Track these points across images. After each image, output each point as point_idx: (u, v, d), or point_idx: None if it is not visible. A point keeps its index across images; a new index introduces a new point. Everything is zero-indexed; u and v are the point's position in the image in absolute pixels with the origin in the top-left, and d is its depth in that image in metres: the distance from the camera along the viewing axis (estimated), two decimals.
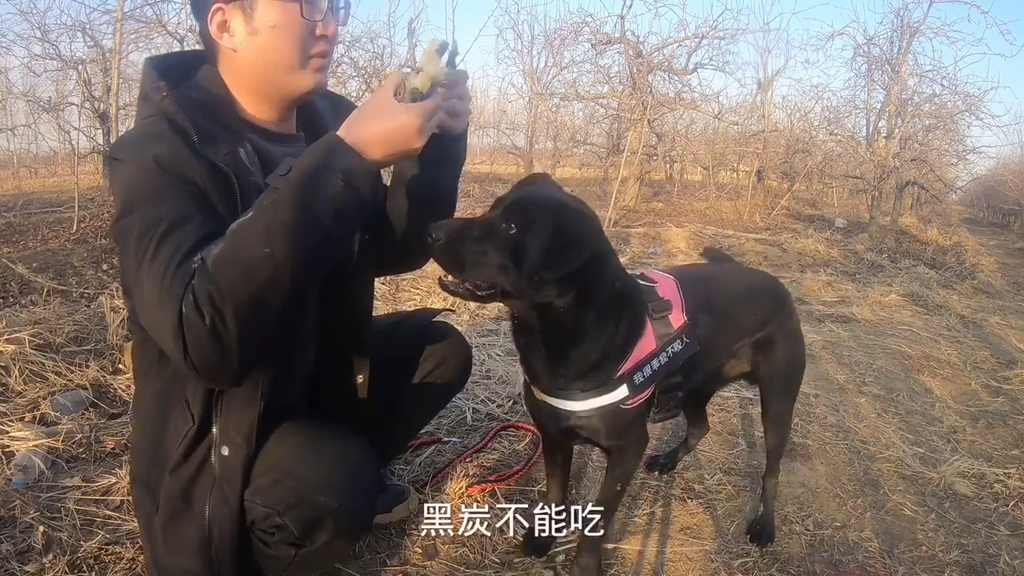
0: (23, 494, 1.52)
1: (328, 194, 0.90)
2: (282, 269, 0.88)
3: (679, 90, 8.49)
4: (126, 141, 1.03)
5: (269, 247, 0.87)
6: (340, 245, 0.98)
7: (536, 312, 1.13)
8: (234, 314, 0.86)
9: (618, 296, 1.18)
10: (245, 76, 1.06)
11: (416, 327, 1.50)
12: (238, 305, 0.86)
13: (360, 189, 0.92)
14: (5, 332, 2.28)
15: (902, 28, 7.70)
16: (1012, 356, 3.23)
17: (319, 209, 0.90)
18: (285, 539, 1.04)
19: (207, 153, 0.95)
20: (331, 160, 0.91)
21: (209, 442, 1.04)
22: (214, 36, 1.03)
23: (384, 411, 1.39)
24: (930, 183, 9.00)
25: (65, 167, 8.32)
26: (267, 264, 0.87)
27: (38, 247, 4.19)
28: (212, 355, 0.87)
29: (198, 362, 0.88)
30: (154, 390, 1.09)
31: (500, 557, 1.45)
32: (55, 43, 5.31)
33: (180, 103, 0.96)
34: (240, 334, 0.87)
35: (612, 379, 1.20)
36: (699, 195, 10.25)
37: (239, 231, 0.89)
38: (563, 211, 1.08)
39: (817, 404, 2.42)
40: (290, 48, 1.03)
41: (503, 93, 14.23)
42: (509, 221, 1.05)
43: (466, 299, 1.10)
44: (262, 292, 0.88)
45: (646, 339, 1.22)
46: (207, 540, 1.04)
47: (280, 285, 0.89)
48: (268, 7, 1.00)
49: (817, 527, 1.63)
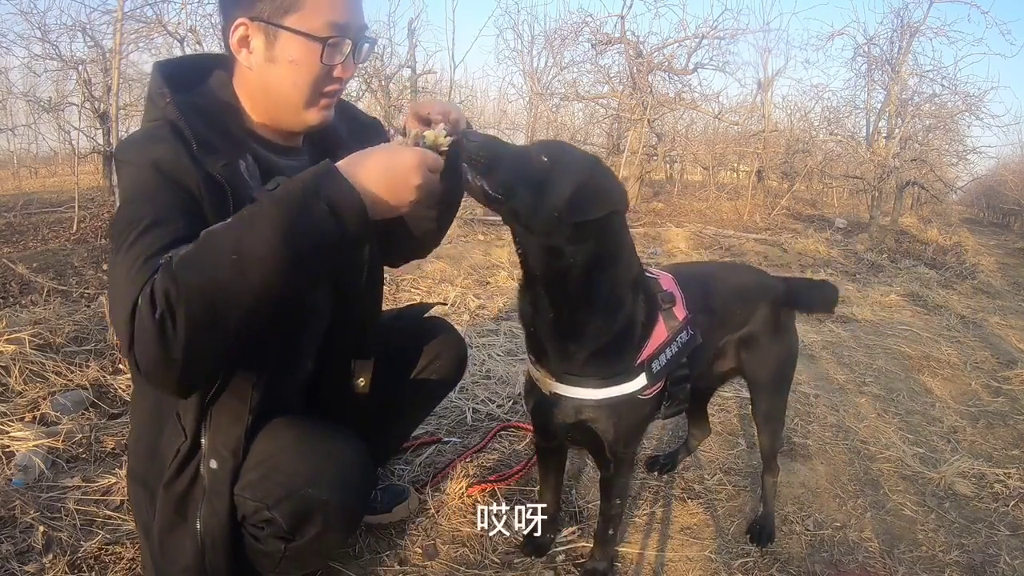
0: (23, 494, 1.52)
1: (310, 218, 0.86)
2: (248, 281, 0.84)
3: (679, 90, 8.49)
4: (129, 142, 1.03)
5: (236, 255, 0.84)
6: (313, 273, 0.91)
7: (546, 259, 1.10)
8: (185, 315, 0.82)
9: (634, 276, 1.18)
10: (254, 95, 1.06)
11: (410, 323, 1.50)
12: (191, 306, 0.82)
13: (345, 222, 0.88)
14: (5, 332, 2.28)
15: (902, 28, 7.69)
16: (1012, 356, 3.23)
17: (297, 231, 0.86)
18: (275, 533, 1.05)
19: (205, 164, 0.95)
20: (320, 186, 0.88)
21: (200, 456, 1.05)
22: (232, 48, 1.02)
23: (379, 408, 1.39)
24: (930, 183, 8.99)
25: (65, 167, 8.32)
26: (231, 273, 0.84)
27: (38, 247, 4.19)
28: (154, 353, 0.83)
29: (140, 357, 0.84)
30: (151, 399, 1.10)
31: (500, 557, 1.45)
32: (55, 43, 5.30)
33: (183, 110, 0.96)
34: (187, 337, 0.83)
35: (632, 366, 1.18)
36: (699, 195, 10.25)
37: (211, 235, 0.87)
38: (599, 164, 1.12)
39: (817, 404, 2.42)
40: (304, 85, 1.03)
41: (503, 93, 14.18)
42: (543, 154, 1.07)
43: (477, 198, 1.07)
44: (220, 300, 0.84)
45: (659, 327, 1.22)
46: (201, 551, 1.06)
47: (240, 298, 0.85)
48: (291, 42, 0.99)
49: (817, 527, 1.63)
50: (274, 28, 0.99)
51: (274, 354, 1.08)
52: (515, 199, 1.04)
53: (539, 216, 1.05)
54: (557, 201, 1.04)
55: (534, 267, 1.13)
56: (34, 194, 6.65)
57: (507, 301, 3.49)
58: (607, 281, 1.13)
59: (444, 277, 3.92)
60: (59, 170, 8.85)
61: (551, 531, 1.49)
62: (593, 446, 1.29)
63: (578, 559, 1.45)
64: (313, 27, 0.99)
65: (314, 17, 0.99)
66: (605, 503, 1.34)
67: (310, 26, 0.99)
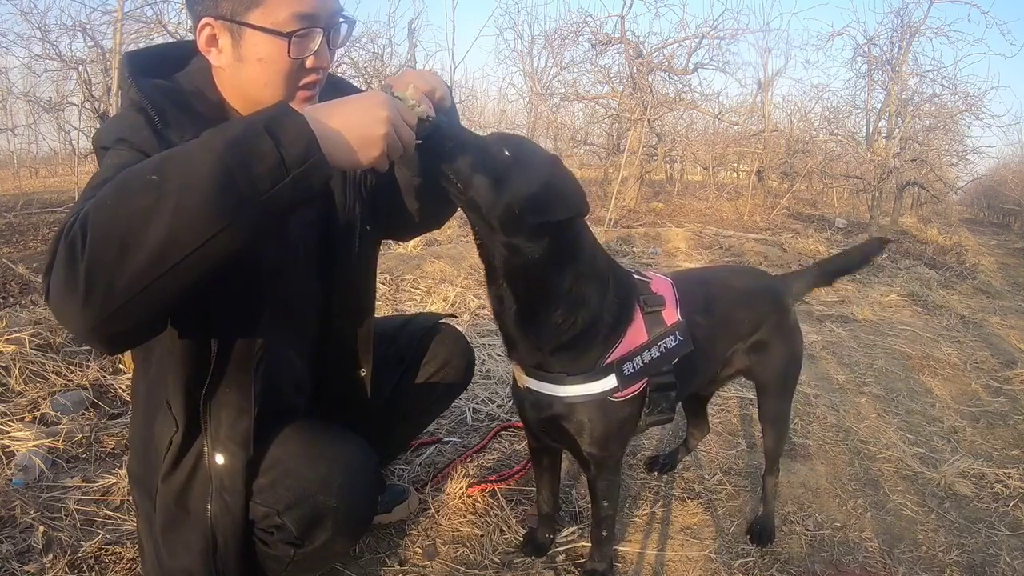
0: (23, 494, 1.52)
1: (243, 135, 0.77)
2: (164, 202, 0.74)
3: (679, 90, 8.50)
4: (101, 130, 1.02)
5: (156, 175, 0.75)
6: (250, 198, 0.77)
7: (505, 254, 1.09)
8: (92, 236, 0.73)
9: (600, 273, 1.16)
10: (229, 91, 1.04)
11: (420, 329, 1.50)
12: (98, 227, 0.74)
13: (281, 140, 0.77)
14: (5, 332, 2.28)
15: (902, 28, 7.71)
16: (1012, 356, 3.23)
17: (231, 160, 0.76)
18: (284, 539, 1.04)
19: (168, 135, 0.92)
20: (270, 118, 0.79)
21: (198, 449, 1.03)
22: (202, 49, 0.99)
23: (387, 412, 1.39)
24: (930, 183, 9.00)
25: (65, 167, 8.33)
26: (147, 193, 0.74)
27: (38, 247, 4.19)
28: (61, 275, 0.74)
29: (51, 282, 0.76)
30: (143, 388, 1.09)
31: (500, 557, 1.45)
32: (55, 43, 5.32)
33: (145, 91, 0.95)
34: (92, 260, 0.73)
35: (600, 365, 1.16)
36: (699, 195, 10.25)
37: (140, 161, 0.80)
38: (560, 165, 1.09)
39: (817, 404, 2.42)
40: (276, 83, 1.00)
41: (503, 93, 14.23)
42: (504, 147, 1.03)
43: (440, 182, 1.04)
44: (131, 222, 0.74)
45: (636, 330, 1.19)
46: (210, 546, 1.04)
47: (158, 222, 0.74)
48: (256, 39, 0.96)
49: (817, 527, 1.63)
50: (238, 26, 0.96)
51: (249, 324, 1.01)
52: (474, 190, 1.02)
53: (496, 210, 1.03)
54: (516, 198, 1.02)
55: (494, 260, 1.12)
56: (34, 194, 6.65)
57: None
58: (566, 278, 1.11)
59: (444, 277, 3.92)
60: (59, 170, 8.86)
61: (550, 531, 1.49)
62: (569, 446, 1.28)
63: (578, 559, 1.45)
64: (277, 21, 0.96)
65: (277, 11, 0.96)
66: (593, 505, 1.34)
67: (274, 20, 0.95)
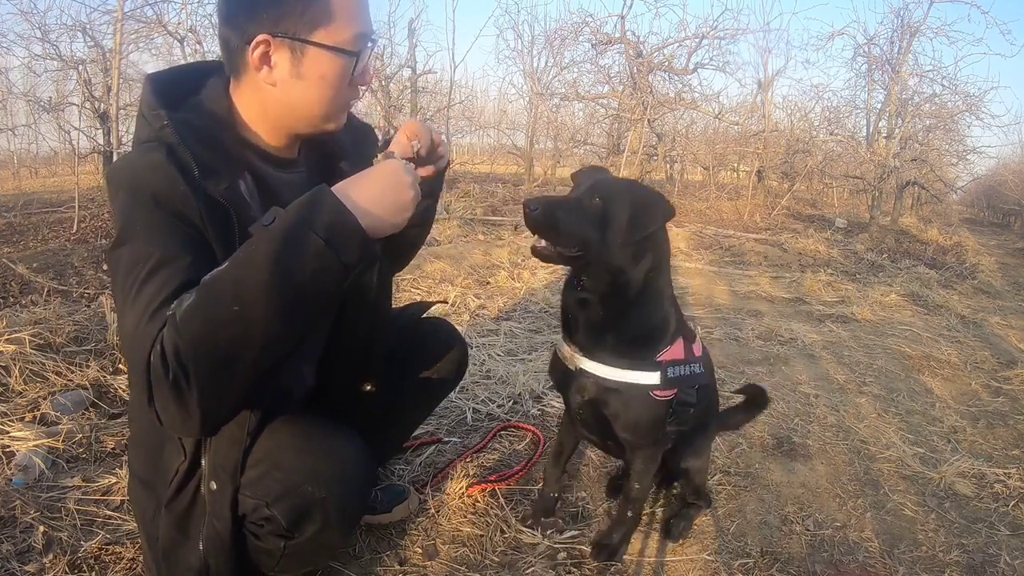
0: (23, 494, 1.52)
1: (307, 253, 0.86)
2: (253, 328, 0.85)
3: (679, 90, 8.50)
4: (124, 167, 0.98)
5: (237, 305, 0.83)
6: (321, 303, 0.91)
7: (610, 278, 1.25)
8: (196, 372, 0.83)
9: (669, 280, 1.34)
10: (271, 108, 1.03)
11: (410, 323, 1.50)
12: (200, 364, 0.83)
13: (340, 250, 0.87)
14: (5, 332, 2.28)
15: (902, 28, 7.71)
16: (1012, 356, 3.23)
17: (295, 267, 0.85)
18: (275, 531, 1.06)
19: (207, 187, 0.93)
20: (314, 215, 0.87)
21: (200, 475, 1.05)
22: (251, 64, 0.98)
23: (380, 408, 1.39)
24: (930, 183, 9.00)
25: (65, 167, 8.32)
26: (235, 323, 0.84)
27: (38, 247, 4.19)
28: (173, 409, 0.86)
29: (161, 414, 0.87)
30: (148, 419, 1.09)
31: (500, 557, 1.45)
32: (55, 43, 5.31)
33: (180, 133, 0.94)
34: (202, 392, 0.84)
35: (652, 360, 1.30)
36: (699, 195, 10.23)
37: (210, 284, 0.86)
38: (637, 187, 1.29)
39: (817, 404, 2.42)
40: (332, 99, 1.03)
41: (503, 93, 14.24)
42: (594, 196, 1.21)
43: (556, 263, 1.23)
44: (228, 351, 0.85)
45: (678, 345, 1.34)
46: (204, 569, 1.07)
47: (251, 343, 0.86)
48: (320, 57, 0.98)
49: (817, 527, 1.63)
50: (301, 44, 0.97)
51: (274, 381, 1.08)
52: (590, 249, 1.20)
53: (611, 251, 1.21)
54: (620, 230, 1.20)
55: (597, 285, 1.26)
56: (34, 194, 6.64)
57: (507, 301, 3.49)
58: (655, 284, 1.29)
59: (444, 277, 3.92)
60: (59, 170, 8.84)
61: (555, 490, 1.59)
62: (604, 432, 1.41)
63: (579, 559, 1.45)
64: (343, 40, 0.98)
65: (344, 30, 0.98)
66: (625, 483, 1.46)
67: (340, 39, 0.98)
